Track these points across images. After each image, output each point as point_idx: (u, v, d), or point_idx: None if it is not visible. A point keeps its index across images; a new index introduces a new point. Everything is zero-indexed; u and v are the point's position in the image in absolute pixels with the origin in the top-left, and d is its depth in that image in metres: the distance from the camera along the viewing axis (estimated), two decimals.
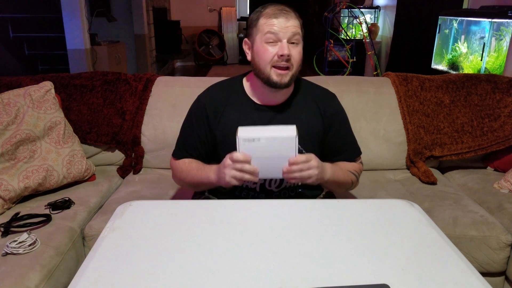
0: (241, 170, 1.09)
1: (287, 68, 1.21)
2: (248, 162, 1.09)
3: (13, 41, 4.32)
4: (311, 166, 1.13)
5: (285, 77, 1.22)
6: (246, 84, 1.35)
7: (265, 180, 1.30)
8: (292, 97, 1.33)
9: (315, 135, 1.33)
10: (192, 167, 1.32)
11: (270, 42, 1.20)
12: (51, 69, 4.40)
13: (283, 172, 1.11)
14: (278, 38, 1.19)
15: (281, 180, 1.30)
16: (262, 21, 1.21)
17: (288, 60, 1.20)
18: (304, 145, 1.30)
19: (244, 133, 1.07)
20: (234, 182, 1.12)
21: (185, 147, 1.36)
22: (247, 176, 1.10)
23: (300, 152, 1.28)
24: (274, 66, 1.21)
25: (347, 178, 1.34)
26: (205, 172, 1.25)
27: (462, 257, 0.88)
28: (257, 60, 1.24)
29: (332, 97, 1.40)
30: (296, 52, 1.22)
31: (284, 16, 1.19)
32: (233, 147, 1.09)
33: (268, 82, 1.23)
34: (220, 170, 1.16)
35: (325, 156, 1.39)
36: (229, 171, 1.11)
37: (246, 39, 1.29)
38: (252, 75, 1.32)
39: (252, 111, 1.31)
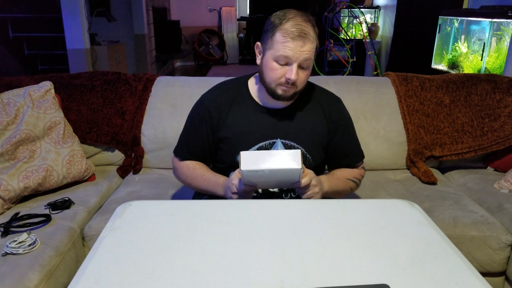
0: (248, 197, 1.18)
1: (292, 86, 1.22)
2: (255, 190, 1.17)
3: (13, 41, 4.31)
4: (312, 187, 1.17)
5: (289, 92, 1.23)
6: (251, 86, 1.34)
7: None
8: (297, 101, 1.33)
9: (319, 139, 1.33)
10: (197, 175, 1.33)
11: (280, 62, 1.19)
12: (51, 69, 4.40)
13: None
14: (289, 61, 1.18)
15: None
16: (278, 37, 1.17)
17: (293, 84, 1.21)
18: (309, 149, 1.31)
19: (247, 164, 1.04)
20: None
21: (188, 147, 1.37)
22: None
23: (306, 159, 1.29)
24: (280, 84, 1.22)
25: (346, 187, 1.35)
26: (211, 184, 1.28)
27: (462, 257, 0.88)
28: (265, 73, 1.24)
29: (338, 101, 1.40)
30: (303, 75, 1.22)
31: (302, 40, 1.15)
32: (237, 149, 1.16)
33: (272, 95, 1.25)
34: (228, 191, 1.20)
35: (327, 160, 1.39)
36: (237, 197, 1.17)
37: (258, 42, 1.27)
38: (257, 77, 1.33)
39: (257, 114, 1.31)
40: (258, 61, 1.28)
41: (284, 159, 1.05)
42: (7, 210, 1.48)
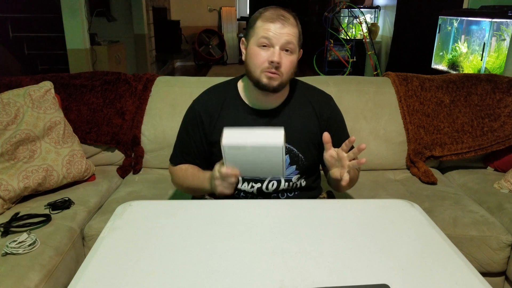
0: (231, 183, 1.13)
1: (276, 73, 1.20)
2: (237, 175, 1.10)
3: (13, 41, 4.31)
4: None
5: (274, 80, 1.20)
6: (240, 88, 1.34)
7: (262, 183, 1.30)
8: (287, 101, 1.32)
9: (311, 138, 1.32)
10: (187, 175, 1.33)
11: (263, 47, 1.18)
12: (51, 69, 4.40)
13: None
14: (271, 44, 1.18)
15: (279, 183, 1.30)
16: (259, 24, 1.20)
17: (277, 68, 1.18)
18: (300, 148, 1.30)
19: (228, 140, 1.03)
20: (227, 192, 1.15)
21: (181, 152, 1.37)
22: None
23: (298, 159, 1.29)
24: (264, 71, 1.20)
25: (356, 173, 1.34)
26: (200, 181, 1.27)
27: (462, 257, 0.88)
28: (249, 62, 1.23)
29: (328, 99, 1.39)
30: (287, 61, 1.19)
31: (281, 22, 1.17)
32: None
33: (258, 85, 1.22)
34: (212, 180, 1.18)
35: (322, 158, 1.39)
36: (220, 182, 1.13)
37: (243, 38, 1.28)
38: (246, 77, 1.31)
39: (247, 116, 1.30)
40: (243, 57, 1.27)
41: (266, 137, 1.04)
42: (7, 210, 1.48)
